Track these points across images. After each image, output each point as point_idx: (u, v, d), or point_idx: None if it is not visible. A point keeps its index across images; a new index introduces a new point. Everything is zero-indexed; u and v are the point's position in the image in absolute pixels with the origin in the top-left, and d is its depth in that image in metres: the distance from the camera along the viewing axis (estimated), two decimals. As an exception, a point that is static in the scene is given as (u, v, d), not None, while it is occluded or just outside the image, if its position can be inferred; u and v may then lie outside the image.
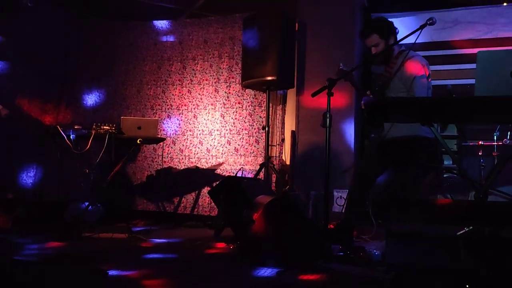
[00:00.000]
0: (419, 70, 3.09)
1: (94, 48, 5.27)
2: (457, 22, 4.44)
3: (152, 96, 5.21)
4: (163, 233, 4.04)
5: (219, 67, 5.02)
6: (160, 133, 5.03)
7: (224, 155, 4.89)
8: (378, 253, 2.82)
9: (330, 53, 4.38)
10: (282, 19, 4.24)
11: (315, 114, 4.25)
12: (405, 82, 3.10)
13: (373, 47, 3.23)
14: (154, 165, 5.11)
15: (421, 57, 3.22)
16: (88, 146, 3.87)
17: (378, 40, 3.19)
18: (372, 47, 3.24)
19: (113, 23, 5.35)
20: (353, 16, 4.40)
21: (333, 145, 3.07)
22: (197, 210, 4.89)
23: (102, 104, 5.22)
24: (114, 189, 4.90)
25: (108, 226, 3.86)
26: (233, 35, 4.99)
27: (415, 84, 3.06)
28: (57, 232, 3.59)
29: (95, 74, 5.26)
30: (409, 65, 3.12)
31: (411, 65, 3.11)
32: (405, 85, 3.11)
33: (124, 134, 4.02)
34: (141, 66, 5.27)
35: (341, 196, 4.14)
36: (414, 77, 3.06)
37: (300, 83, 4.50)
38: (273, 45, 4.15)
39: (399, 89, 3.14)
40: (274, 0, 4.88)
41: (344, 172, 4.18)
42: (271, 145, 4.60)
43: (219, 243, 3.45)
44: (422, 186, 3.40)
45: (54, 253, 3.08)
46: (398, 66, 3.14)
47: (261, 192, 3.42)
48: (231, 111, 4.91)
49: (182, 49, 5.19)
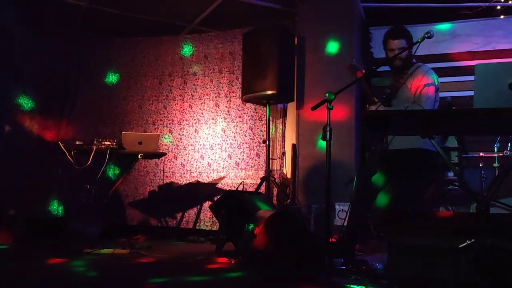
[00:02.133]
0: (428, 81, 3.10)
1: (95, 64, 5.32)
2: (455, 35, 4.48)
3: (154, 111, 5.25)
4: (165, 248, 4.02)
5: (220, 81, 5.06)
6: (162, 147, 5.05)
7: (225, 169, 4.90)
8: (380, 266, 2.80)
9: (329, 67, 4.41)
10: (281, 33, 4.28)
11: (315, 127, 4.27)
12: (414, 93, 3.11)
13: (396, 50, 3.20)
14: (156, 180, 5.11)
15: (431, 69, 3.23)
16: (89, 162, 3.87)
17: (405, 46, 3.20)
18: (393, 50, 3.21)
19: (114, 39, 5.41)
20: (352, 29, 4.43)
21: (334, 158, 3.07)
22: (199, 225, 4.88)
23: (104, 119, 5.25)
24: (115, 205, 4.92)
25: (109, 242, 3.84)
26: (233, 50, 5.04)
27: (422, 96, 3.08)
28: (58, 248, 3.57)
29: (96, 90, 5.30)
30: (419, 76, 3.14)
31: (421, 76, 3.13)
32: (413, 95, 3.12)
33: (125, 149, 4.03)
34: (142, 82, 5.32)
35: (342, 209, 4.12)
36: (422, 89, 3.07)
37: (300, 97, 4.52)
38: (272, 60, 4.18)
39: (407, 98, 3.15)
40: (273, 15, 4.94)
41: (345, 185, 4.18)
42: (271, 158, 4.61)
43: (220, 257, 3.43)
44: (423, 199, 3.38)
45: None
46: (408, 76, 3.16)
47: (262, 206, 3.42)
48: (232, 125, 4.94)
49: (183, 64, 5.24)
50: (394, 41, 3.22)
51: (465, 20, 4.44)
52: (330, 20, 4.49)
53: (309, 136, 4.41)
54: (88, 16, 5.07)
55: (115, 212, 4.96)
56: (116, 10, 4.98)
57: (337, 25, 4.46)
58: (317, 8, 4.56)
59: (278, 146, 4.77)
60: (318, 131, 3.01)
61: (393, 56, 3.20)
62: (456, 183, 4.14)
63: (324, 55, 4.47)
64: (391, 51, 3.24)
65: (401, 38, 3.21)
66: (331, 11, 4.49)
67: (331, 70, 4.40)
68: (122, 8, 4.95)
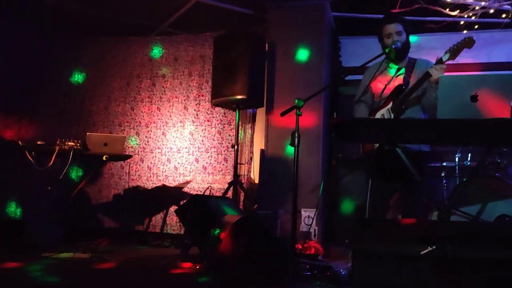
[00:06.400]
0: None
1: (60, 62, 5.18)
2: (421, 47, 4.61)
3: (120, 113, 5.14)
4: (128, 252, 3.93)
5: (189, 84, 5.02)
6: (128, 150, 4.95)
7: (192, 173, 4.84)
8: (345, 273, 2.83)
9: (299, 74, 4.45)
10: (252, 38, 4.28)
11: (284, 133, 4.29)
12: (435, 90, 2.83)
13: (394, 34, 3.08)
14: (121, 183, 5.00)
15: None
16: (51, 163, 3.75)
17: (401, 30, 3.09)
18: (390, 34, 3.09)
19: (81, 37, 5.28)
20: (322, 38, 4.49)
21: (302, 164, 3.09)
22: (166, 229, 4.80)
23: (68, 119, 5.10)
24: (78, 207, 4.77)
25: (70, 246, 3.72)
26: (203, 53, 5.01)
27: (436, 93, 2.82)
28: (15, 252, 3.43)
29: (60, 89, 5.15)
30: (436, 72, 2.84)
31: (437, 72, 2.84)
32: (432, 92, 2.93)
33: (89, 151, 3.93)
34: (109, 82, 5.21)
35: (308, 216, 4.15)
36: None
37: (270, 102, 4.54)
38: (243, 64, 4.18)
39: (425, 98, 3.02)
40: (245, 20, 4.95)
41: (311, 192, 4.21)
42: (240, 163, 4.59)
43: (185, 262, 3.38)
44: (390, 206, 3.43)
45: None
46: (421, 74, 2.93)
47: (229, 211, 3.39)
48: (200, 128, 4.90)
49: (152, 66, 5.17)
50: (390, 25, 3.10)
51: (430, 33, 4.59)
52: (301, 28, 4.53)
53: (277, 142, 4.42)
54: (54, 13, 4.92)
55: (77, 215, 4.81)
56: (84, 8, 4.86)
57: (308, 32, 4.51)
58: (288, 15, 4.59)
59: (246, 151, 4.76)
60: (286, 137, 3.02)
61: (391, 41, 3.05)
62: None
63: (294, 62, 4.51)
64: (388, 37, 3.11)
65: (396, 22, 3.11)
66: (302, 19, 4.54)
67: (300, 76, 4.43)
68: (90, 5, 4.83)
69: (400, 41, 3.08)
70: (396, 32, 3.09)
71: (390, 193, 3.20)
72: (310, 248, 3.89)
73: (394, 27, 3.10)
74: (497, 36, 4.63)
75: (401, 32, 3.10)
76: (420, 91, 3.00)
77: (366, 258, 2.11)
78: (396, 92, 3.04)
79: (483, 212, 3.47)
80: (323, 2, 4.53)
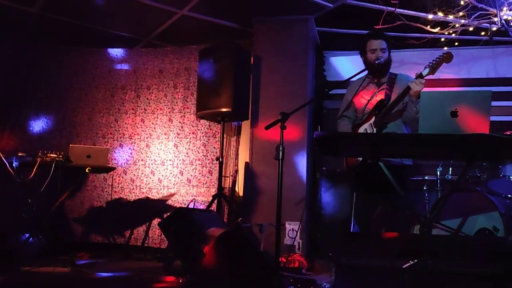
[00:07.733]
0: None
1: (44, 73, 5.14)
2: (403, 62, 4.71)
3: (104, 124, 5.10)
4: (110, 266, 3.87)
5: (174, 97, 5.01)
6: (111, 162, 4.90)
7: (176, 185, 4.82)
8: (328, 286, 2.83)
9: (284, 87, 4.49)
10: (237, 52, 4.31)
11: (268, 146, 4.30)
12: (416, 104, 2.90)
13: (378, 50, 3.15)
14: (104, 195, 4.94)
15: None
16: (32, 174, 3.70)
17: (385, 48, 3.18)
18: (375, 50, 3.16)
19: (67, 49, 5.26)
20: (306, 53, 4.54)
21: (286, 178, 3.10)
22: (147, 242, 4.75)
23: (50, 131, 5.04)
24: (59, 220, 4.69)
25: (50, 259, 3.65)
26: (189, 65, 5.02)
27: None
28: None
29: (43, 100, 5.10)
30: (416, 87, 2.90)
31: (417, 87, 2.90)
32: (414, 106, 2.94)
33: (72, 163, 3.89)
34: (93, 94, 5.17)
35: (293, 229, 4.16)
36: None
37: (255, 116, 4.56)
38: (228, 77, 4.20)
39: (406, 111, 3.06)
40: (230, 34, 4.98)
41: (296, 205, 4.22)
42: (224, 176, 4.58)
43: (168, 276, 3.35)
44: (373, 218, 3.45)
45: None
46: (402, 88, 3.00)
47: (213, 224, 3.38)
48: (185, 141, 4.88)
49: (136, 78, 5.16)
50: (376, 41, 3.18)
51: (412, 49, 4.68)
52: (286, 41, 4.58)
53: (262, 155, 4.43)
54: (39, 24, 4.89)
55: (58, 228, 4.73)
56: (69, 19, 4.84)
57: (293, 46, 4.56)
58: (273, 29, 4.64)
59: (231, 164, 4.76)
60: (271, 150, 3.03)
61: (375, 57, 3.14)
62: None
63: (279, 76, 4.55)
64: (372, 52, 3.18)
65: (382, 38, 3.19)
66: (287, 33, 4.59)
67: (285, 90, 4.47)
68: (75, 17, 4.81)
69: (383, 57, 3.17)
70: (381, 48, 3.18)
71: (374, 206, 3.23)
72: (294, 261, 3.89)
73: (379, 44, 3.19)
74: (476, 53, 4.75)
75: (385, 50, 3.19)
76: (402, 105, 3.07)
77: (349, 271, 2.12)
78: (378, 107, 3.10)
79: (464, 226, 3.52)
80: (308, 17, 4.59)
